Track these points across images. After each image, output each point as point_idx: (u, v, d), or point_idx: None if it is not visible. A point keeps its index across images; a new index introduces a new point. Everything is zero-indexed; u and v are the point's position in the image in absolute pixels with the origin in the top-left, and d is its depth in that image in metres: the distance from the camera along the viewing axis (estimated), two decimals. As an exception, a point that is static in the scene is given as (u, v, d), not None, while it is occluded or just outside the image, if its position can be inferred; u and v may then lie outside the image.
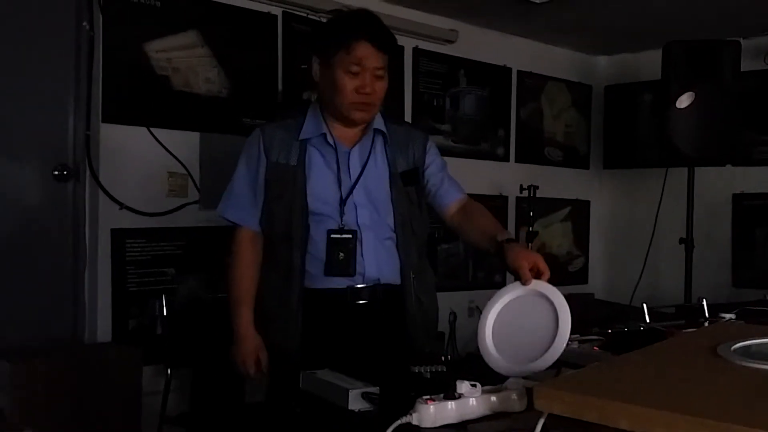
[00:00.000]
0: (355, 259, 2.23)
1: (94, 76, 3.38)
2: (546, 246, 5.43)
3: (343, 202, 2.25)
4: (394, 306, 2.30)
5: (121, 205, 3.42)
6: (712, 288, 4.77)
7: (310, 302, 2.25)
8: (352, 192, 2.26)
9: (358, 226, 2.26)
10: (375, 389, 1.51)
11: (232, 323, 2.32)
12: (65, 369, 3.04)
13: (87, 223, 3.43)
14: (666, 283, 5.01)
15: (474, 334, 1.70)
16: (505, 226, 5.09)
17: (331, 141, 2.27)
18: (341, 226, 2.24)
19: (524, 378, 1.52)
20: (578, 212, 5.69)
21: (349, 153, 2.30)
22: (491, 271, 5.11)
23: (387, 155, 2.34)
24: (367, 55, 2.18)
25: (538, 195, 4.86)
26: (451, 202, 2.41)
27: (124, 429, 3.15)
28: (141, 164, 3.49)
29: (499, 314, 1.77)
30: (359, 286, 2.25)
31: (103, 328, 3.39)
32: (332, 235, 2.23)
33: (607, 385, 1.20)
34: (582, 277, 5.74)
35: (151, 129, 3.51)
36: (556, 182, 5.42)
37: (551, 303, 1.74)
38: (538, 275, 1.88)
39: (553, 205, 5.45)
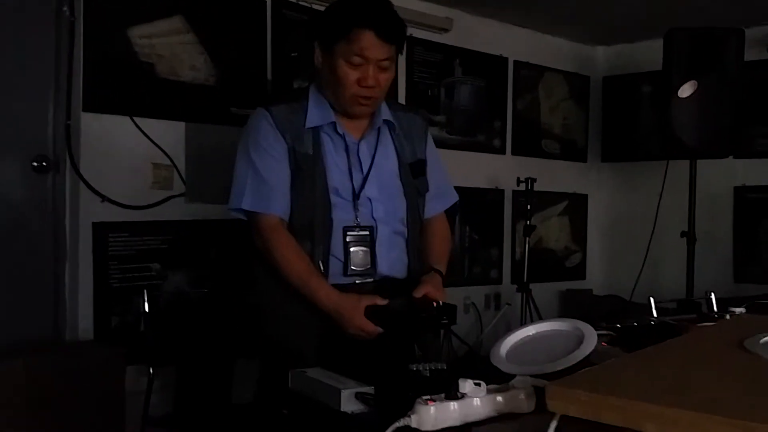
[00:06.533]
0: (375, 258, 2.10)
1: (74, 64, 3.26)
2: (543, 241, 5.32)
3: (356, 196, 2.12)
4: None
5: (103, 198, 3.30)
6: (713, 283, 4.63)
7: None
8: (364, 185, 2.13)
9: (374, 220, 2.13)
10: (369, 389, 1.37)
11: (316, 303, 2.03)
12: (45, 368, 2.93)
13: (67, 216, 3.31)
14: (666, 278, 4.90)
15: (470, 331, 1.58)
16: (501, 220, 5.06)
17: (341, 131, 2.14)
18: (357, 222, 2.11)
19: (533, 377, 1.39)
20: (576, 206, 5.58)
21: (359, 144, 2.16)
22: (487, 267, 5.00)
23: (395, 146, 2.22)
24: (370, 45, 2.01)
25: (534, 188, 4.74)
26: (429, 215, 2.31)
27: (108, 431, 3.02)
28: (124, 155, 3.37)
29: (519, 340, 1.66)
30: (365, 281, 2.12)
31: (84, 325, 3.27)
32: (349, 233, 2.09)
33: (628, 383, 1.07)
34: (580, 272, 5.63)
35: (135, 118, 3.39)
36: (554, 175, 5.31)
37: (580, 332, 1.62)
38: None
39: (550, 198, 5.34)
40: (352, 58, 2.02)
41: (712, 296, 2.68)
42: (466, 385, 1.26)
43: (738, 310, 2.54)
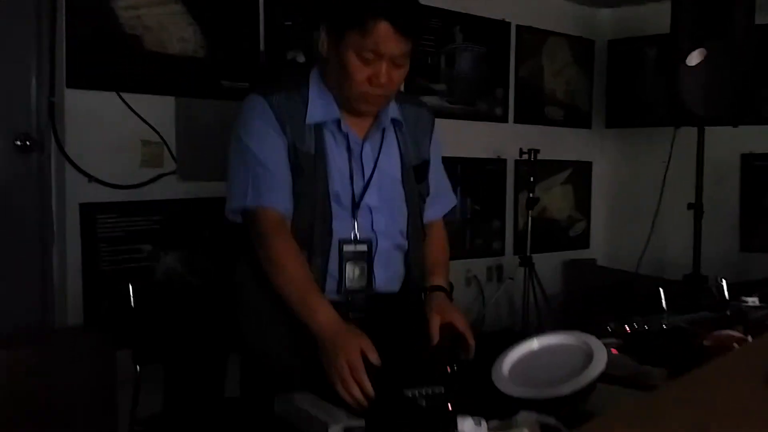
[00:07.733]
0: (373, 275, 1.93)
1: (57, 37, 3.12)
2: (546, 210, 5.20)
3: (356, 204, 1.93)
4: (392, 317, 2.00)
5: (90, 178, 3.18)
6: (719, 253, 4.57)
7: None
8: (365, 193, 1.94)
9: (374, 232, 1.95)
10: (360, 423, 1.27)
11: (307, 325, 1.76)
12: (32, 357, 2.84)
13: (53, 197, 3.19)
14: (672, 248, 4.80)
15: (470, 307, 1.45)
16: (503, 191, 4.94)
17: (344, 129, 1.93)
18: (355, 235, 1.92)
19: (539, 401, 1.29)
20: (579, 174, 5.44)
21: (362, 145, 1.96)
22: (489, 239, 4.89)
23: (400, 147, 2.02)
24: (385, 39, 1.78)
25: (537, 158, 4.61)
26: (428, 219, 2.12)
27: (99, 421, 2.94)
28: (111, 133, 3.24)
29: (522, 356, 1.54)
30: (357, 296, 1.95)
31: (74, 311, 3.18)
32: (346, 247, 1.90)
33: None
34: (583, 242, 5.52)
35: (122, 94, 3.25)
36: (557, 143, 5.17)
37: (587, 346, 1.50)
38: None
39: (553, 167, 5.20)
40: (364, 53, 1.80)
41: (723, 283, 2.57)
42: (466, 424, 1.16)
43: (750, 300, 2.44)
